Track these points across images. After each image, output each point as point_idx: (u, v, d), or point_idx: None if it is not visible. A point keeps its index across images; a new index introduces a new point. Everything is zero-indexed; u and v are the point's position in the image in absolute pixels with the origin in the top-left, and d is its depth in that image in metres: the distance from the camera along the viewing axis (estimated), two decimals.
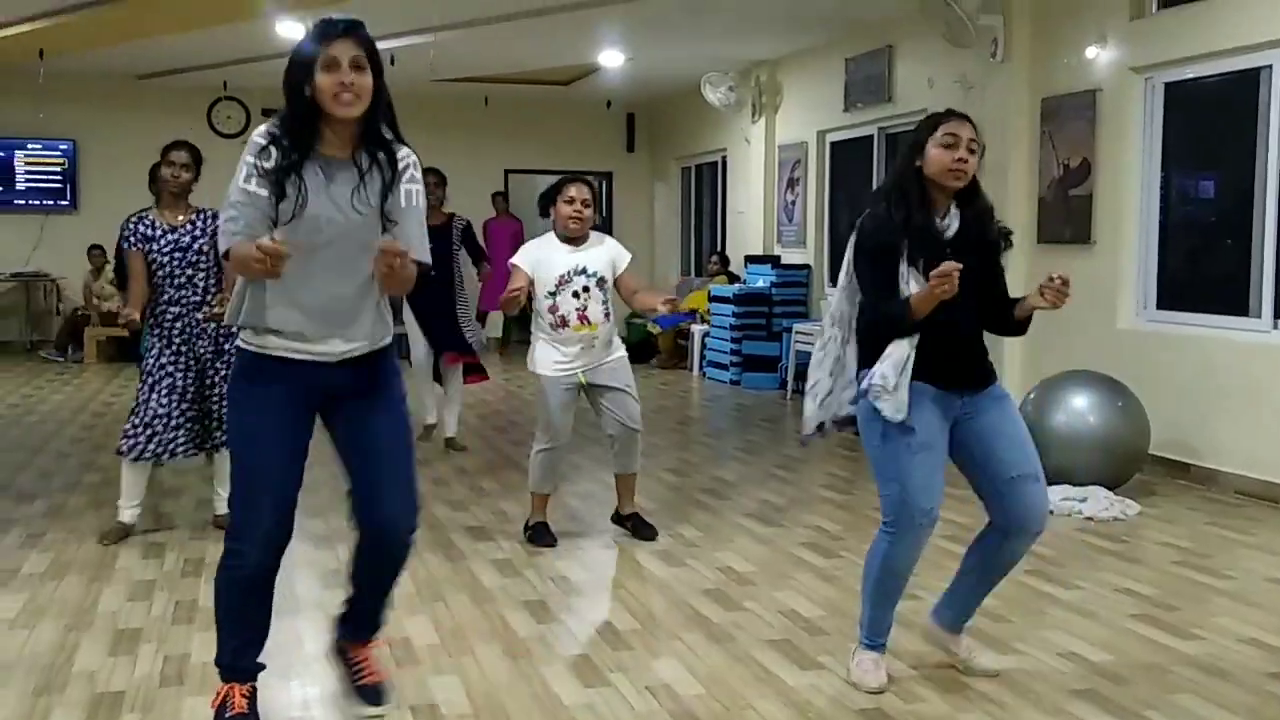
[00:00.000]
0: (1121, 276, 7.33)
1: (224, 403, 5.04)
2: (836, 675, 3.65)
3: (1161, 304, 7.20)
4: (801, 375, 9.96)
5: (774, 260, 11.36)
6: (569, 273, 5.00)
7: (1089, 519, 5.71)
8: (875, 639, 3.59)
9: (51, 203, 13.07)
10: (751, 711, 3.37)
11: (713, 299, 11.42)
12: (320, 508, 5.85)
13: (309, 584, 4.60)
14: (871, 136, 10.23)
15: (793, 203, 11.44)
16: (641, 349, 13.13)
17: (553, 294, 4.99)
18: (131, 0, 8.63)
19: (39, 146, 13.13)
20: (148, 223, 5.06)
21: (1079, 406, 6.15)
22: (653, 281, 14.41)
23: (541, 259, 5.04)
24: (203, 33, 9.69)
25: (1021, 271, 8.06)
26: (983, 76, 8.25)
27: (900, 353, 3.35)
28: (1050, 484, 5.98)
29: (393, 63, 11.15)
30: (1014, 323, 3.60)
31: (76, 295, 12.69)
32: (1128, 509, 5.83)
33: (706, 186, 13.85)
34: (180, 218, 5.10)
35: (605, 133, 14.64)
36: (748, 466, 7.09)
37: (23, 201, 13.09)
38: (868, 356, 3.45)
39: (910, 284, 3.35)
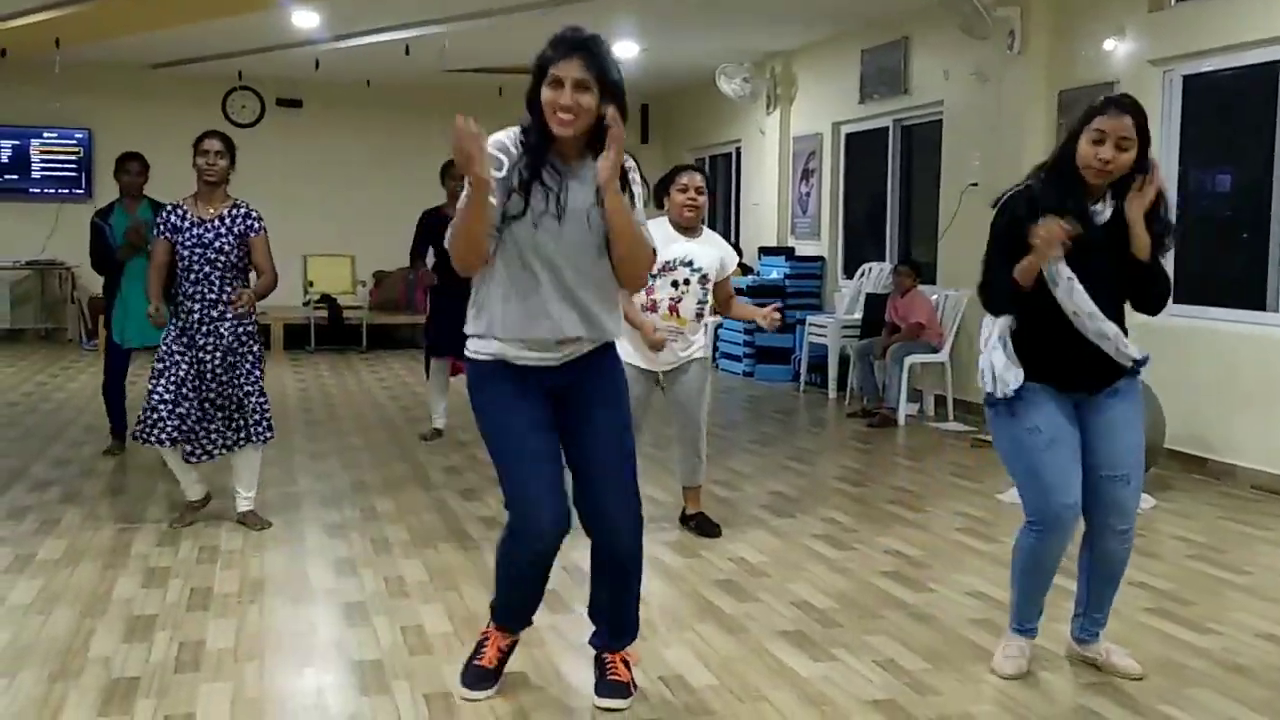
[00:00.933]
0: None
1: (251, 399, 5.06)
2: (849, 666, 3.65)
3: (1178, 299, 7.15)
4: (814, 368, 10.01)
5: (788, 252, 11.34)
6: (675, 261, 4.92)
7: None
8: (1024, 624, 3.65)
9: (66, 191, 13.10)
10: (765, 703, 3.37)
11: None
12: (334, 496, 5.87)
13: (321, 573, 4.61)
14: (887, 128, 10.21)
15: (807, 194, 11.42)
16: None
17: (654, 277, 4.85)
18: None
19: (54, 135, 13.17)
20: (180, 214, 5.05)
21: None
22: None
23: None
24: (218, 22, 9.71)
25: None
26: (999, 68, 8.22)
27: (998, 342, 3.41)
28: None
29: (407, 53, 11.18)
30: (1144, 284, 3.52)
31: (91, 283, 12.72)
32: (1143, 503, 5.80)
33: (720, 178, 13.82)
34: (212, 210, 5.05)
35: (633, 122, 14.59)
36: (761, 458, 7.09)
37: (38, 190, 13.13)
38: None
39: (1060, 279, 3.32)
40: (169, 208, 5.13)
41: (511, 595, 3.41)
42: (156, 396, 4.99)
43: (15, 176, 13.18)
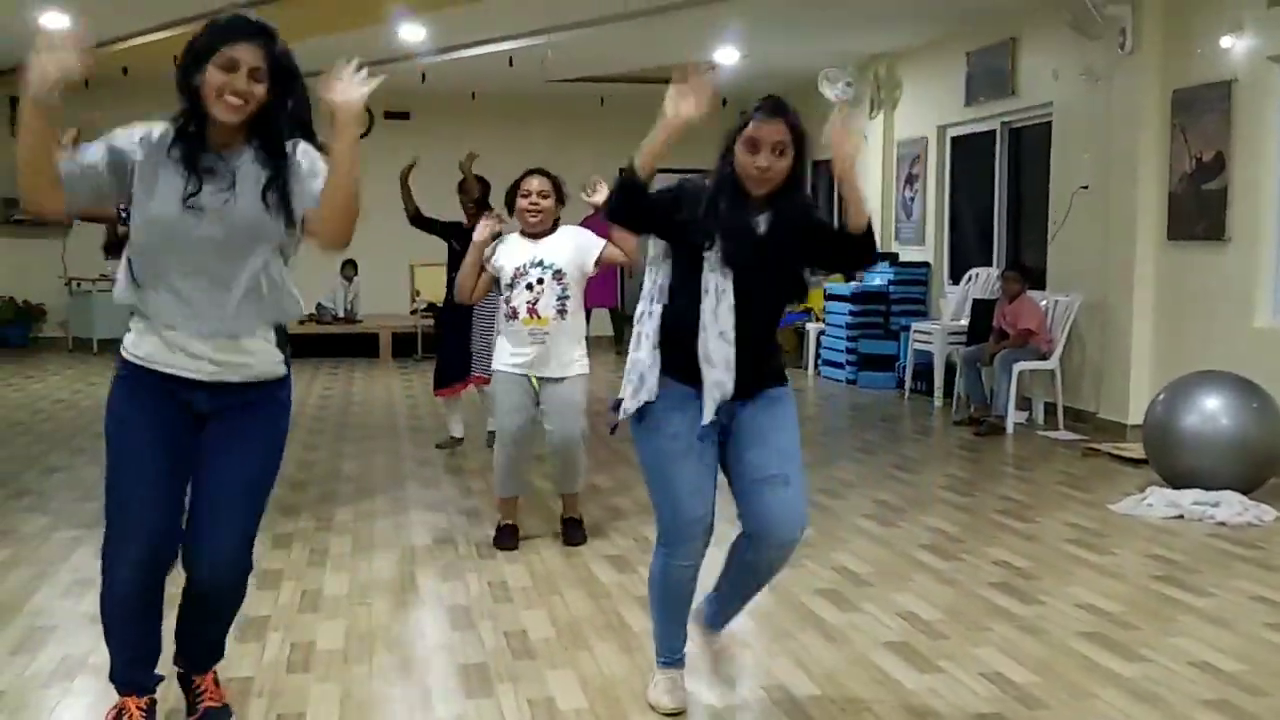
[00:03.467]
0: (1258, 274, 7.09)
1: None
2: (955, 679, 3.59)
3: None
4: (920, 375, 9.89)
5: (892, 258, 11.22)
6: (525, 265, 4.89)
7: (1221, 524, 5.53)
8: (672, 655, 3.37)
9: None
10: (869, 713, 3.34)
11: (828, 297, 11.32)
12: (441, 501, 5.96)
13: (427, 577, 4.68)
14: (994, 131, 10.04)
15: (911, 199, 11.29)
16: None
17: (509, 286, 4.89)
18: (264, 9, 8.89)
19: None
20: None
21: (1212, 408, 5.95)
22: None
23: (500, 257, 4.94)
24: (328, 38, 9.94)
25: (1150, 269, 7.87)
26: (1110, 68, 8.03)
27: (643, 358, 3.17)
28: (1181, 487, 5.91)
29: (511, 64, 11.32)
30: (850, 237, 3.13)
31: None
32: (1263, 514, 5.63)
33: (823, 183, 13.69)
34: None
35: (721, 130, 14.58)
36: (864, 466, 7.02)
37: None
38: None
39: (714, 274, 3.09)
40: None
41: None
42: None
43: None
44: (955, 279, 10.46)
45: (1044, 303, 8.57)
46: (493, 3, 8.95)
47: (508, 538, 5.09)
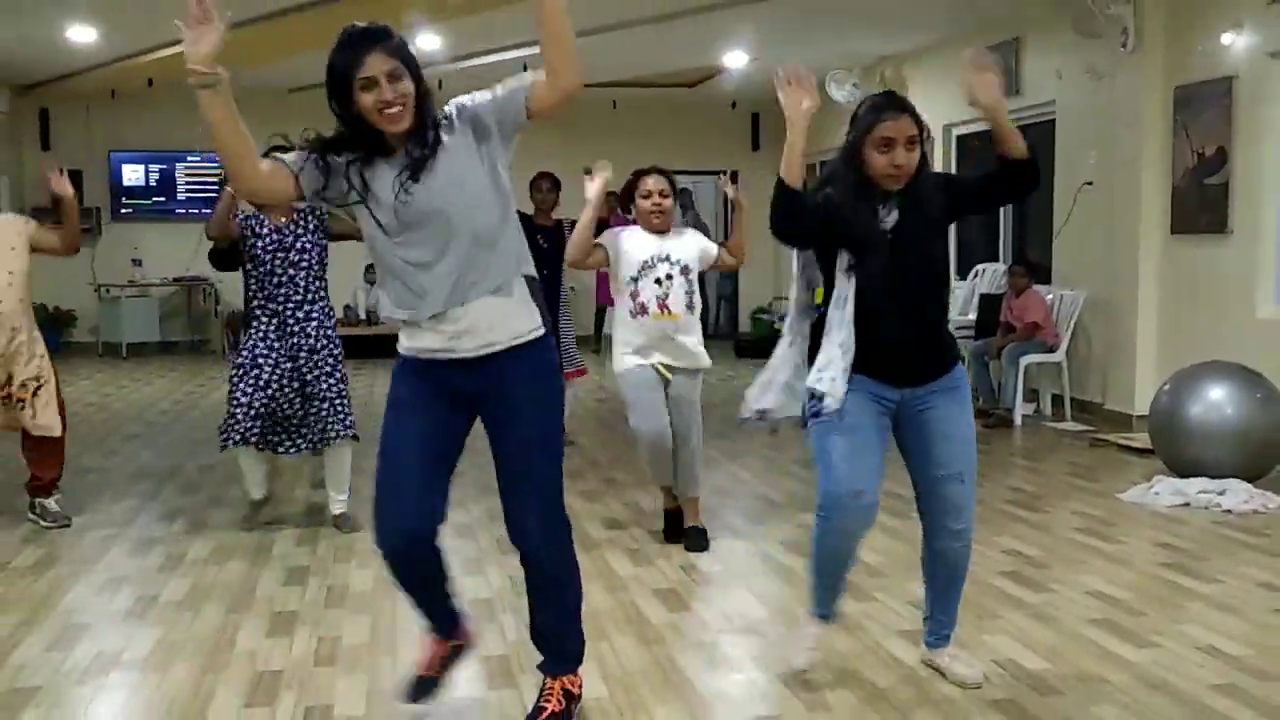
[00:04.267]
0: (1260, 266, 7.04)
1: (333, 400, 5.13)
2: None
3: None
4: None
5: None
6: (652, 259, 4.83)
7: (1228, 512, 5.50)
8: (815, 608, 3.50)
9: (210, 211, 13.48)
10: (884, 702, 3.33)
11: None
12: (460, 498, 5.96)
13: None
14: None
15: None
16: (768, 343, 13.08)
17: (634, 279, 4.82)
18: (284, 20, 8.92)
19: (197, 159, 13.66)
20: (258, 219, 5.13)
21: (1216, 398, 5.92)
22: (778, 274, 14.33)
23: (627, 248, 4.87)
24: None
25: (1154, 262, 7.83)
26: (1112, 66, 8.00)
27: (833, 358, 3.21)
28: (1186, 476, 5.88)
29: (525, 70, 11.30)
30: (1015, 164, 3.19)
31: (234, 297, 13.15)
32: (1268, 502, 5.60)
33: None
34: (284, 219, 5.14)
35: (731, 132, 14.57)
36: None
37: (183, 211, 13.64)
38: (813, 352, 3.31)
39: (848, 274, 3.16)
40: (244, 217, 5.16)
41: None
42: (234, 400, 5.05)
43: (163, 198, 13.72)
44: (962, 275, 10.43)
45: (1050, 297, 8.54)
46: (506, 12, 8.96)
47: (674, 526, 5.09)
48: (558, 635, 3.17)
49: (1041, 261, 9.03)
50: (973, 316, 9.39)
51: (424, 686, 3.21)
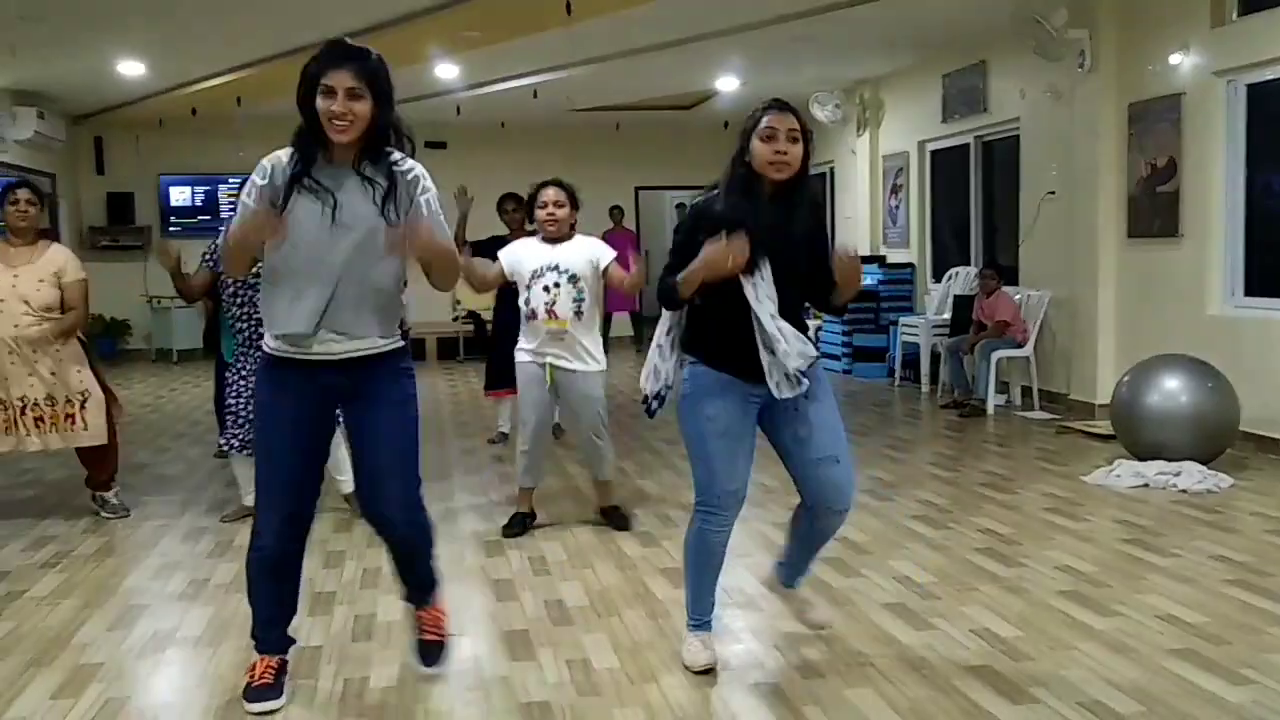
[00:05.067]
0: (1209, 266, 7.03)
1: None
2: (947, 635, 3.58)
3: (1255, 292, 6.87)
4: (907, 365, 9.84)
5: (880, 260, 11.17)
6: (541, 268, 4.77)
7: (1183, 491, 5.49)
8: (701, 618, 3.36)
9: None
10: (870, 668, 3.32)
11: None
12: (483, 485, 5.97)
13: (474, 553, 4.69)
14: (969, 144, 9.99)
15: (896, 207, 11.24)
16: None
17: (527, 287, 4.77)
18: (312, 52, 8.91)
19: (238, 181, 13.62)
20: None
21: (1171, 387, 5.92)
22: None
23: (520, 257, 4.83)
24: None
25: (1112, 264, 7.82)
26: (1071, 86, 7.99)
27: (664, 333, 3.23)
28: (1145, 459, 5.87)
29: (535, 96, 11.31)
30: (830, 295, 3.21)
31: None
32: (1220, 482, 5.58)
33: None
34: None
35: (724, 151, 14.38)
36: (860, 448, 6.98)
37: (226, 229, 13.64)
38: (688, 341, 3.23)
39: (757, 282, 3.07)
40: (215, 246, 5.13)
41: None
42: (229, 410, 5.05)
43: (207, 217, 13.72)
44: (937, 278, 10.42)
45: (1018, 297, 8.53)
46: (516, 44, 8.96)
47: (516, 525, 4.96)
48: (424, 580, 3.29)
49: (1010, 264, 9.02)
50: (948, 315, 9.39)
51: (261, 695, 3.07)
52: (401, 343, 3.09)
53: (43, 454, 5.56)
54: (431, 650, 3.28)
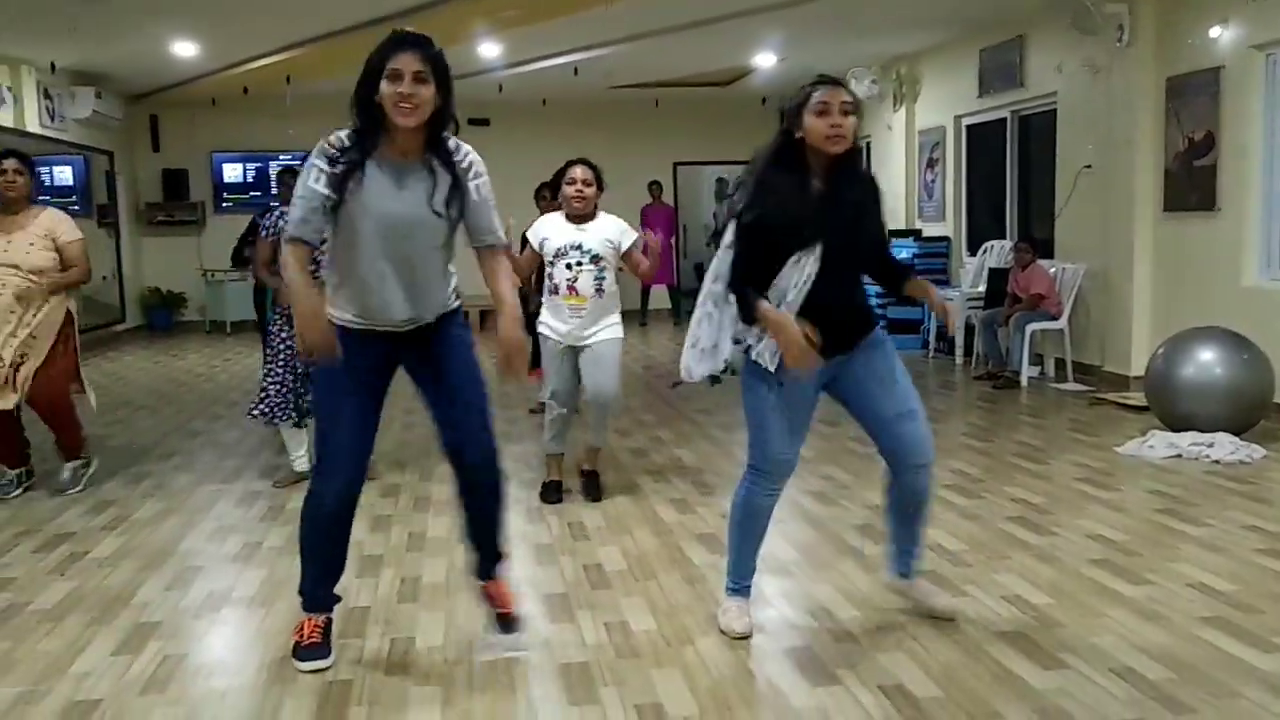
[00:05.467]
0: (1245, 239, 6.89)
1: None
2: (980, 602, 3.56)
3: None
4: (942, 337, 9.75)
5: (916, 234, 11.06)
6: (565, 246, 4.79)
7: (1216, 462, 5.41)
8: (740, 582, 3.37)
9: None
10: (903, 632, 3.32)
11: None
12: (524, 455, 6.00)
13: (516, 519, 4.72)
14: (1005, 119, 9.84)
15: (932, 181, 11.11)
16: None
17: (551, 263, 4.80)
18: (362, 31, 8.93)
19: (289, 158, 13.70)
20: (285, 215, 5.15)
21: (1206, 359, 5.83)
22: None
23: (547, 234, 4.85)
24: None
25: (1148, 238, 7.69)
26: (1109, 60, 7.83)
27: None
28: (1179, 430, 5.79)
29: (576, 74, 11.27)
30: (899, 291, 3.33)
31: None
32: (1253, 453, 5.50)
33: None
34: None
35: (761, 126, 14.40)
36: None
37: (277, 204, 13.71)
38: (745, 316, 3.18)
39: (799, 265, 3.05)
40: (279, 214, 5.16)
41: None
42: (271, 380, 5.10)
43: (259, 193, 13.83)
44: (972, 251, 10.30)
45: (1053, 270, 8.41)
46: (556, 22, 8.92)
47: (553, 493, 4.99)
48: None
49: (1045, 238, 8.89)
50: (983, 289, 9.28)
51: (311, 654, 3.13)
52: (458, 302, 3.18)
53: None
54: (509, 622, 3.28)
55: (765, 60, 11.36)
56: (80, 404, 5.44)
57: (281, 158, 13.71)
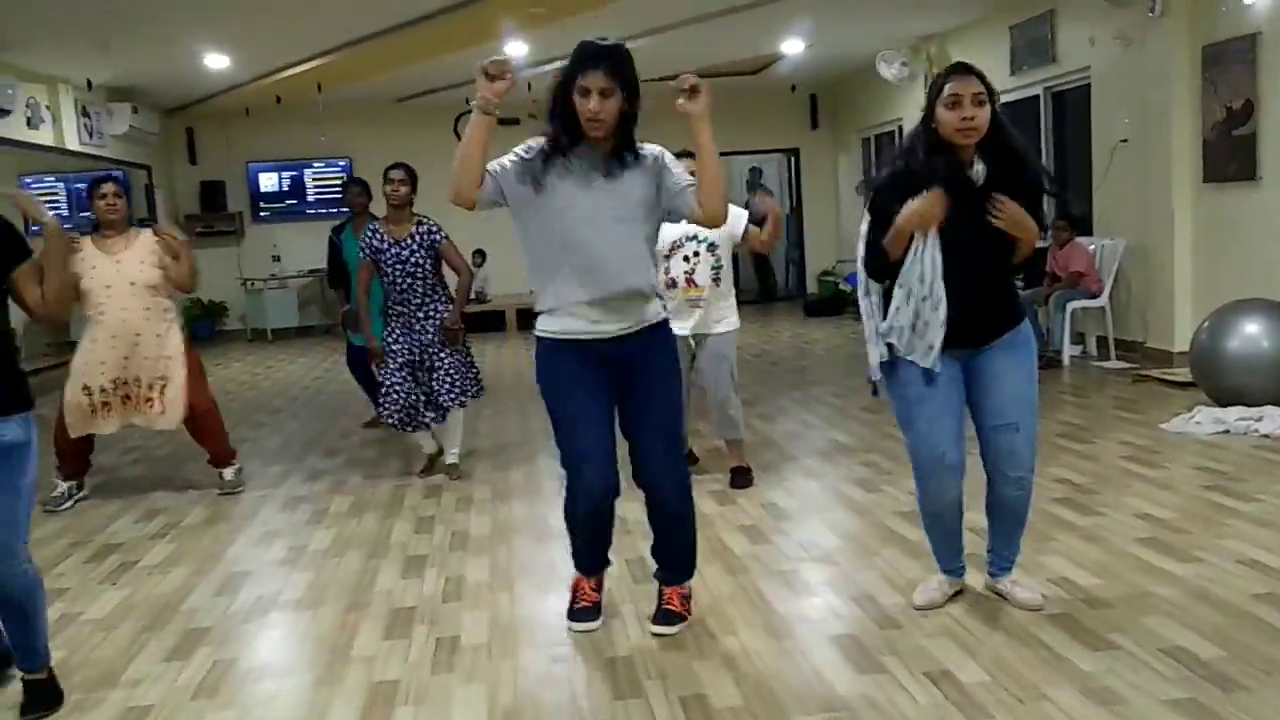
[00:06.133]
0: None
1: (453, 371, 5.26)
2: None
3: None
4: None
5: None
6: (681, 238, 4.75)
7: (1265, 436, 5.31)
8: (944, 565, 3.40)
9: (335, 211, 13.79)
10: (947, 617, 3.29)
11: None
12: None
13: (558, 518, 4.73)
14: (1038, 96, 9.70)
15: None
16: (833, 303, 12.94)
17: (666, 257, 4.74)
18: (389, 36, 8.99)
19: (322, 165, 13.88)
20: (379, 236, 5.24)
21: (1252, 332, 5.72)
22: (839, 239, 14.13)
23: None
24: (447, 58, 10.01)
25: (1187, 210, 7.56)
26: (1142, 31, 7.70)
27: (904, 320, 3.07)
28: (1226, 405, 5.69)
29: None
30: (1017, 262, 3.17)
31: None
32: None
33: (885, 153, 13.44)
34: (402, 230, 5.23)
35: (791, 113, 14.37)
36: None
37: (312, 211, 13.87)
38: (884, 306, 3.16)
39: (928, 242, 3.01)
40: (369, 232, 5.29)
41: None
42: (385, 382, 5.26)
43: (294, 201, 13.98)
44: None
45: (1092, 247, 8.30)
46: (583, 18, 8.91)
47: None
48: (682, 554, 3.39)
49: (1083, 215, 8.77)
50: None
51: (584, 616, 3.37)
52: (664, 315, 3.24)
53: (146, 432, 5.71)
54: (671, 617, 3.31)
55: (793, 47, 11.28)
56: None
57: (315, 165, 13.87)
